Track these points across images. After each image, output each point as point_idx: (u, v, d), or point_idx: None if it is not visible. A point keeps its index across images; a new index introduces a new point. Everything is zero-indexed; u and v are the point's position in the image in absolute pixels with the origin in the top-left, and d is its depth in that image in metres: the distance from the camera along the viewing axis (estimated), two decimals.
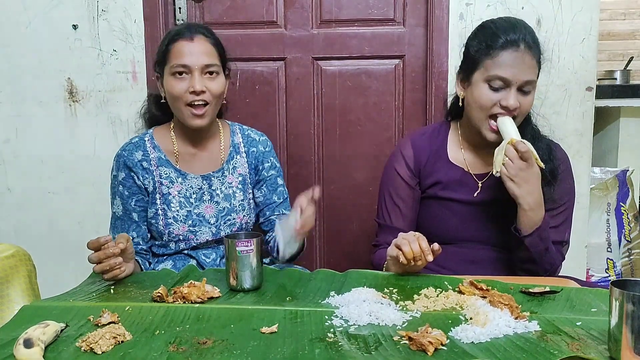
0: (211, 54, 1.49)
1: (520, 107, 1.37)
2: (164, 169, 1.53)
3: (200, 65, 1.46)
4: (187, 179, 1.54)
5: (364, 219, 2.22)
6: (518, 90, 1.37)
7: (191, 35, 1.47)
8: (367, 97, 2.18)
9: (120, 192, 1.51)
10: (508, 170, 1.32)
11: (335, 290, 1.20)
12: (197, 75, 1.45)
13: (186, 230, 1.53)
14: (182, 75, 1.46)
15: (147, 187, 1.52)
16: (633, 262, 2.62)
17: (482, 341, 0.95)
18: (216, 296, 1.18)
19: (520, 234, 1.36)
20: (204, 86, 1.45)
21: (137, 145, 1.54)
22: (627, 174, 2.64)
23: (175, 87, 1.46)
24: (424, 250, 1.23)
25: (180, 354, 0.93)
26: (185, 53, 1.46)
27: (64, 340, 0.99)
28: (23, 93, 2.19)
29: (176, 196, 1.53)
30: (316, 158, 2.23)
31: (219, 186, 1.56)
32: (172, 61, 1.46)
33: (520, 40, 1.36)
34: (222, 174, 1.57)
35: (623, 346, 0.87)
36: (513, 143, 1.32)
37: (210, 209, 1.55)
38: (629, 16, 4.73)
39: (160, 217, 1.51)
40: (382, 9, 2.13)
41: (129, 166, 1.51)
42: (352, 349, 0.93)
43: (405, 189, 1.53)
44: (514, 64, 1.35)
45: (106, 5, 2.12)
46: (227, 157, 1.59)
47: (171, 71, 1.46)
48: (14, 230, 2.26)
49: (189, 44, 1.46)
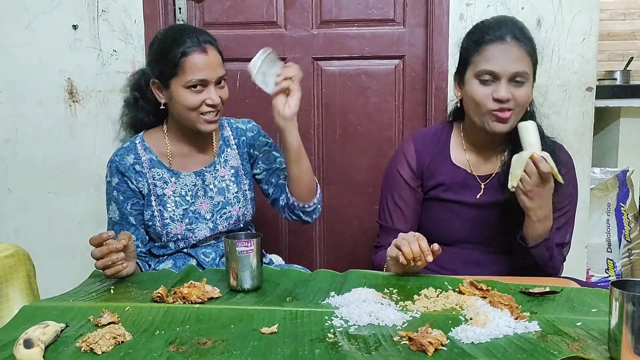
0: (221, 64, 1.50)
1: (515, 100, 1.36)
2: (157, 170, 1.53)
3: (216, 78, 1.47)
4: (181, 178, 1.54)
5: (364, 219, 2.22)
6: (510, 82, 1.37)
7: (204, 47, 1.45)
8: (367, 97, 2.18)
9: (115, 198, 1.51)
10: (524, 186, 1.29)
11: (335, 291, 1.20)
12: (212, 88, 1.46)
13: (184, 229, 1.53)
14: (197, 88, 1.45)
15: (142, 190, 1.52)
16: (633, 262, 2.62)
17: (482, 341, 0.95)
18: (216, 296, 1.18)
19: (526, 244, 1.36)
20: (219, 97, 1.47)
21: (128, 149, 1.54)
22: (627, 174, 2.64)
23: (191, 100, 1.45)
24: (423, 250, 1.24)
25: (180, 355, 0.93)
26: (201, 67, 1.44)
27: (64, 340, 0.99)
28: (23, 93, 2.20)
29: (171, 196, 1.53)
30: (316, 158, 2.23)
31: (212, 181, 1.57)
32: (188, 76, 1.44)
33: (506, 34, 1.37)
34: (214, 169, 1.58)
35: (623, 346, 0.87)
36: (534, 159, 1.27)
37: (205, 204, 1.56)
38: (629, 16, 4.73)
39: (157, 219, 1.52)
40: (382, 9, 2.14)
41: (121, 171, 1.51)
42: (352, 349, 0.93)
43: (408, 191, 1.53)
44: (500, 57, 1.36)
45: (106, 5, 2.12)
46: (218, 151, 1.60)
47: (187, 85, 1.44)
48: (14, 231, 2.27)
49: (204, 57, 1.45)
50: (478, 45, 1.40)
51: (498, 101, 1.36)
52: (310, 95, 2.20)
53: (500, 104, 1.36)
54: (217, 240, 1.59)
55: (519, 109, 1.39)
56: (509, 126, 1.39)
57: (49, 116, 2.20)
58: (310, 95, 2.20)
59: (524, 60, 1.37)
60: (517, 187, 1.30)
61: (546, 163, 1.27)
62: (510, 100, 1.36)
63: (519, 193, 1.31)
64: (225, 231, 1.58)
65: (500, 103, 1.36)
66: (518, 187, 1.30)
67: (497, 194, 1.46)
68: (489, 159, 1.50)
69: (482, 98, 1.38)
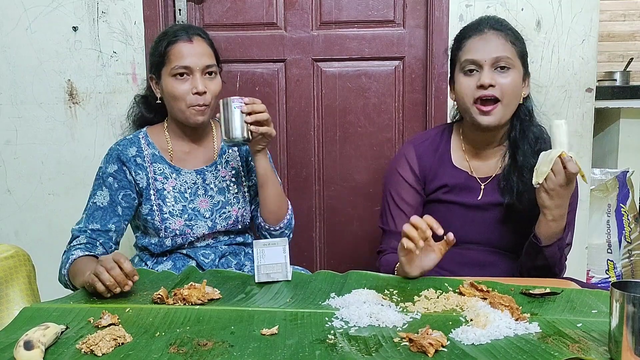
0: (209, 55, 1.52)
1: (500, 87, 1.37)
2: (158, 165, 1.54)
3: (202, 66, 1.48)
4: (181, 175, 1.55)
5: (364, 220, 2.22)
6: (495, 69, 1.38)
7: (190, 36, 1.49)
8: (367, 98, 2.18)
9: (110, 184, 1.50)
10: (548, 184, 1.27)
11: (335, 292, 1.20)
12: (198, 76, 1.48)
13: (182, 224, 1.53)
14: (184, 77, 1.48)
15: (139, 183, 1.52)
16: (633, 263, 2.62)
17: (483, 343, 0.95)
18: (216, 298, 1.18)
19: (540, 243, 1.34)
20: (205, 87, 1.48)
21: (131, 141, 1.55)
22: (627, 175, 2.64)
23: (177, 88, 1.48)
24: (431, 223, 1.22)
25: (180, 356, 0.93)
26: (185, 54, 1.47)
27: (64, 342, 0.99)
28: (23, 95, 2.19)
29: (171, 191, 1.54)
30: (316, 159, 2.23)
31: (213, 180, 1.58)
32: (172, 63, 1.48)
33: (484, 26, 1.41)
34: (215, 168, 1.59)
35: (623, 347, 0.87)
36: (563, 158, 1.25)
37: (205, 202, 1.56)
38: (629, 17, 4.73)
39: (156, 213, 1.52)
40: (381, 10, 2.14)
41: (122, 160, 1.51)
42: (353, 351, 0.93)
43: (411, 193, 1.52)
44: (480, 46, 1.39)
45: (106, 7, 2.12)
46: (219, 152, 1.61)
47: (172, 73, 1.48)
48: (14, 232, 2.26)
49: (189, 45, 1.49)
50: (460, 43, 1.44)
51: (482, 87, 1.37)
52: (310, 97, 2.20)
53: (483, 90, 1.37)
54: (216, 241, 1.59)
55: (507, 100, 1.38)
56: (496, 119, 1.38)
57: (49, 118, 2.20)
58: (310, 97, 2.20)
59: (505, 46, 1.39)
60: (541, 184, 1.28)
61: (574, 164, 1.25)
62: (496, 87, 1.36)
63: (540, 190, 1.29)
64: (223, 231, 1.58)
65: (483, 89, 1.37)
66: (542, 185, 1.28)
67: (497, 195, 1.46)
68: (489, 160, 1.50)
69: (465, 88, 1.40)
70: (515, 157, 1.44)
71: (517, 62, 1.40)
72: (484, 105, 1.38)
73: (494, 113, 1.38)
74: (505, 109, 1.39)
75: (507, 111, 1.39)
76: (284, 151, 2.23)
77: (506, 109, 1.39)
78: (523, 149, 1.43)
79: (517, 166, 1.43)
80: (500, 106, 1.38)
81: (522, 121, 1.44)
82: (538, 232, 1.34)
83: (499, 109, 1.38)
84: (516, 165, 1.43)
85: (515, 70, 1.39)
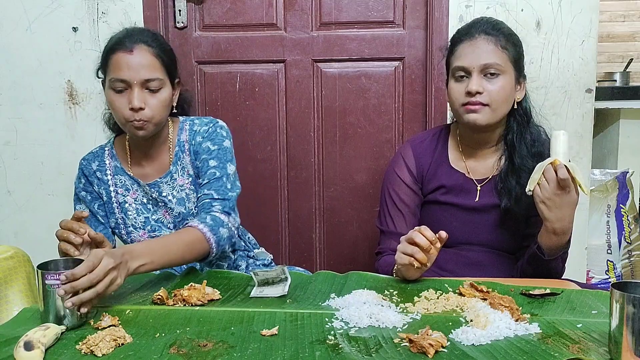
0: (152, 67, 1.38)
1: (489, 94, 1.37)
2: (119, 177, 1.51)
3: (140, 80, 1.36)
4: (141, 186, 1.50)
5: (364, 220, 2.22)
6: (484, 76, 1.38)
7: (131, 46, 1.36)
8: (367, 99, 2.18)
9: (84, 197, 1.52)
10: (542, 192, 1.25)
11: (335, 293, 1.20)
12: (136, 90, 1.36)
13: (147, 236, 1.50)
14: (121, 91, 1.37)
15: (103, 197, 1.52)
16: (633, 264, 2.62)
17: (483, 343, 0.95)
18: (216, 298, 1.18)
19: (544, 256, 1.33)
20: (142, 102, 1.36)
21: (95, 155, 1.55)
22: (627, 176, 2.64)
23: (115, 101, 1.38)
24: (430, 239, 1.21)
25: (180, 357, 0.93)
26: (123, 66, 1.35)
27: (64, 342, 0.99)
28: (23, 95, 2.19)
29: (132, 204, 1.51)
30: (316, 160, 2.23)
31: (170, 191, 1.49)
32: (110, 74, 1.37)
33: (475, 31, 1.41)
34: (170, 178, 1.49)
35: (623, 348, 0.87)
36: (555, 165, 1.23)
37: (168, 214, 1.51)
38: (629, 18, 4.73)
39: (121, 226, 1.52)
40: (381, 11, 2.14)
41: (86, 174, 1.52)
42: (353, 351, 0.93)
43: (408, 194, 1.53)
44: (469, 52, 1.39)
45: (106, 7, 2.12)
46: (174, 159, 1.50)
47: (109, 85, 1.38)
48: (14, 233, 2.26)
49: (128, 56, 1.36)
50: (452, 47, 1.45)
51: (469, 94, 1.38)
52: (310, 97, 2.20)
53: (470, 96, 1.37)
54: None
55: (494, 105, 1.38)
56: (483, 118, 1.39)
57: (49, 118, 2.20)
58: (310, 97, 2.20)
59: (495, 53, 1.39)
60: (535, 193, 1.27)
61: (565, 170, 1.22)
62: (484, 94, 1.37)
63: (537, 201, 1.27)
64: None
65: (470, 96, 1.37)
66: (536, 194, 1.27)
67: (493, 196, 1.46)
68: (486, 161, 1.50)
69: (455, 93, 1.41)
70: (512, 158, 1.44)
71: (509, 67, 1.40)
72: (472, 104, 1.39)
73: (480, 111, 1.38)
74: (493, 112, 1.39)
75: (496, 115, 1.40)
76: (284, 152, 2.23)
77: (494, 113, 1.39)
78: (520, 150, 1.43)
79: (514, 168, 1.43)
80: (488, 109, 1.38)
81: (518, 122, 1.45)
82: (541, 242, 1.33)
83: (486, 110, 1.39)
84: (513, 167, 1.43)
85: (506, 75, 1.39)
